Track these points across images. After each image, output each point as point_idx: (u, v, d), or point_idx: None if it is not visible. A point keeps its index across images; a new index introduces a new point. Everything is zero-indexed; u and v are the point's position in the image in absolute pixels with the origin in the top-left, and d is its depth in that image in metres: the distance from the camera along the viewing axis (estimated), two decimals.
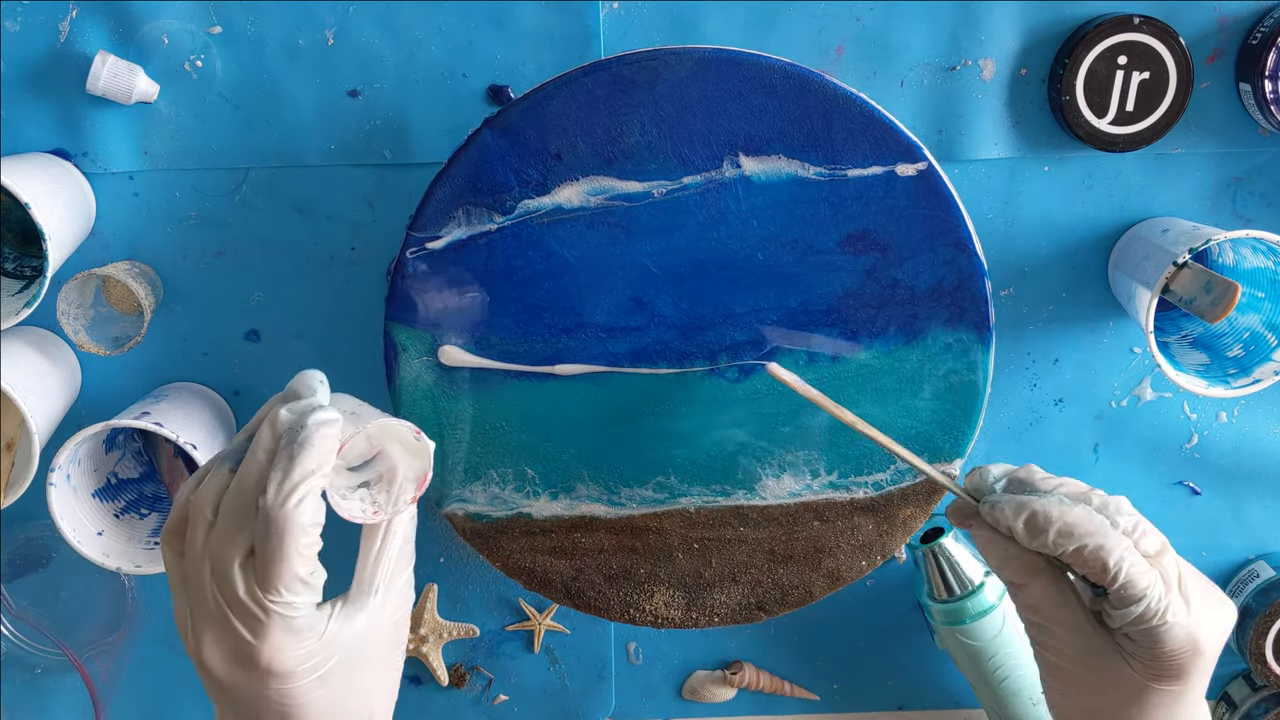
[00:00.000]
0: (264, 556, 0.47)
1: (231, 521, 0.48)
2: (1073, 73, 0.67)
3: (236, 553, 0.48)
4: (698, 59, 0.60)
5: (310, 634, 0.49)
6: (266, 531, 0.47)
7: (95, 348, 0.69)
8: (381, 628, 0.52)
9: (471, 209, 0.61)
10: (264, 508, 0.47)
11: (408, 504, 0.52)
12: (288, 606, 0.48)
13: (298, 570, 0.47)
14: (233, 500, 0.49)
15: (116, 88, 0.68)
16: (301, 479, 0.47)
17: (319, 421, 0.49)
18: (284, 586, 0.47)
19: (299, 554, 0.47)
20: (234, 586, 0.48)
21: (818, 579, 0.65)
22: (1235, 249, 0.68)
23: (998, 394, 0.74)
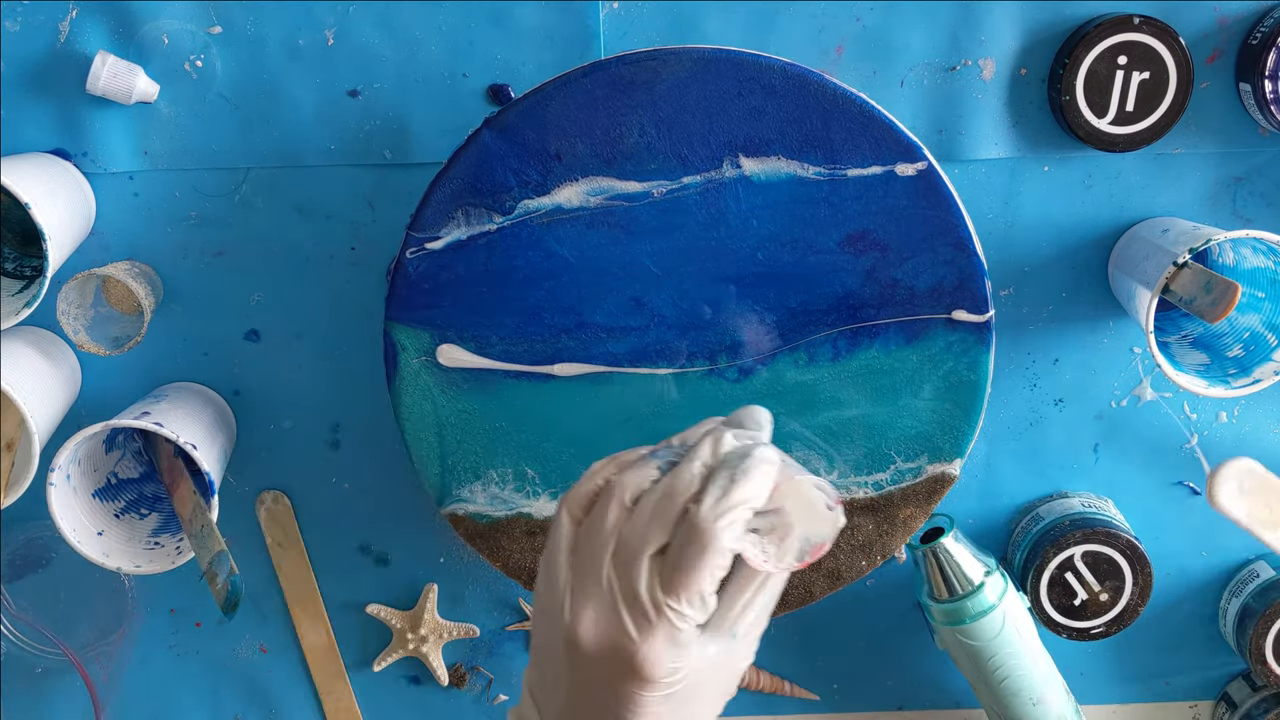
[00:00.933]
0: (678, 562, 0.47)
1: (654, 517, 0.48)
2: (1073, 73, 0.67)
3: (649, 548, 0.48)
4: (697, 59, 0.60)
5: (685, 652, 0.48)
6: (689, 539, 0.47)
7: (95, 348, 0.69)
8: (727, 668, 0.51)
9: (471, 209, 0.61)
10: (695, 516, 0.47)
11: (794, 565, 0.50)
12: (680, 618, 0.48)
13: (704, 586, 0.47)
14: (661, 499, 0.49)
15: (116, 88, 0.68)
16: (738, 503, 0.48)
17: (764, 457, 0.49)
18: (686, 597, 0.47)
19: (710, 572, 0.47)
20: (636, 579, 0.48)
21: (818, 579, 0.65)
22: (1235, 249, 0.68)
23: (998, 394, 0.74)
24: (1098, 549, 0.71)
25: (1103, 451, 0.75)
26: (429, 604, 0.76)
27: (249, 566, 0.76)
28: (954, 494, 0.73)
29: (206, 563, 0.65)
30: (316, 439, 0.75)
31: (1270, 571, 0.74)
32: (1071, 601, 0.72)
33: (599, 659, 0.48)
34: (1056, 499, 0.75)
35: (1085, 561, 0.71)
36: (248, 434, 0.74)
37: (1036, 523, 0.73)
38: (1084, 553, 0.71)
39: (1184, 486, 0.75)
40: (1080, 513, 0.72)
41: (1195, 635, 0.77)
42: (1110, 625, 0.72)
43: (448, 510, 0.65)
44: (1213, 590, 0.77)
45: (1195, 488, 0.75)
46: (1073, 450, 0.75)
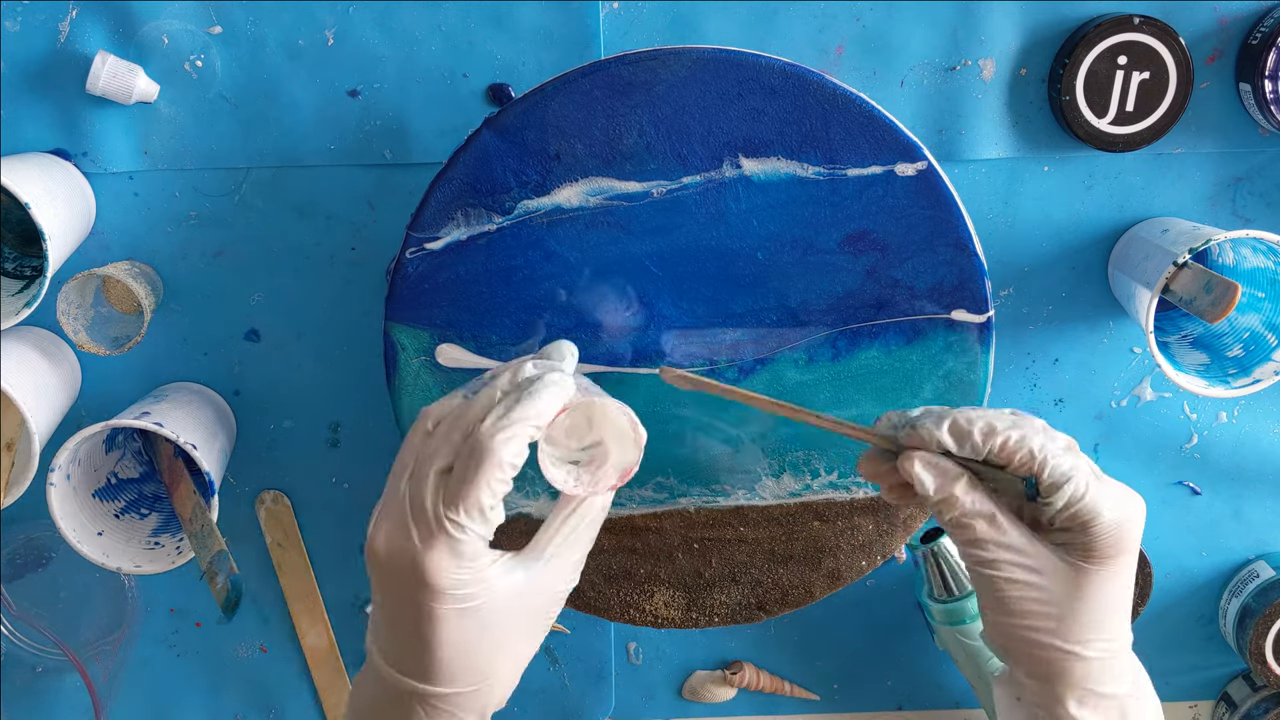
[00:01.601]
0: (458, 476, 0.50)
1: (445, 436, 0.51)
2: (1073, 73, 0.67)
3: (437, 462, 0.50)
4: (696, 59, 0.60)
5: (470, 564, 0.50)
6: (469, 454, 0.50)
7: (95, 348, 0.69)
8: (536, 594, 0.53)
9: (471, 209, 0.61)
10: (475, 432, 0.50)
11: (608, 488, 0.53)
12: (459, 529, 0.50)
13: (482, 499, 0.49)
14: (454, 419, 0.51)
15: (116, 88, 0.68)
16: (518, 420, 0.50)
17: (552, 380, 0.52)
18: (464, 509, 0.49)
19: (488, 484, 0.49)
20: (423, 492, 0.50)
21: (818, 579, 0.65)
22: (1235, 249, 0.68)
23: (998, 394, 0.74)
24: None
25: (1103, 451, 0.75)
26: None
27: (249, 566, 0.76)
28: None
29: (206, 563, 0.65)
30: (316, 439, 0.75)
31: (1270, 571, 0.74)
32: None
33: (391, 570, 0.51)
34: None
35: None
36: (248, 434, 0.75)
37: None
38: None
39: (1184, 486, 0.75)
40: None
41: (1195, 635, 0.77)
42: None
43: None
44: (1213, 590, 0.77)
45: (1195, 488, 0.75)
46: None
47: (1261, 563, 0.75)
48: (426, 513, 0.50)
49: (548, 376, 0.52)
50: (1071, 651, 0.52)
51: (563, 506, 0.54)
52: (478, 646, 0.52)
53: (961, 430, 0.52)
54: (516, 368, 0.53)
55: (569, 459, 0.54)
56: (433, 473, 0.50)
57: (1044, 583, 0.52)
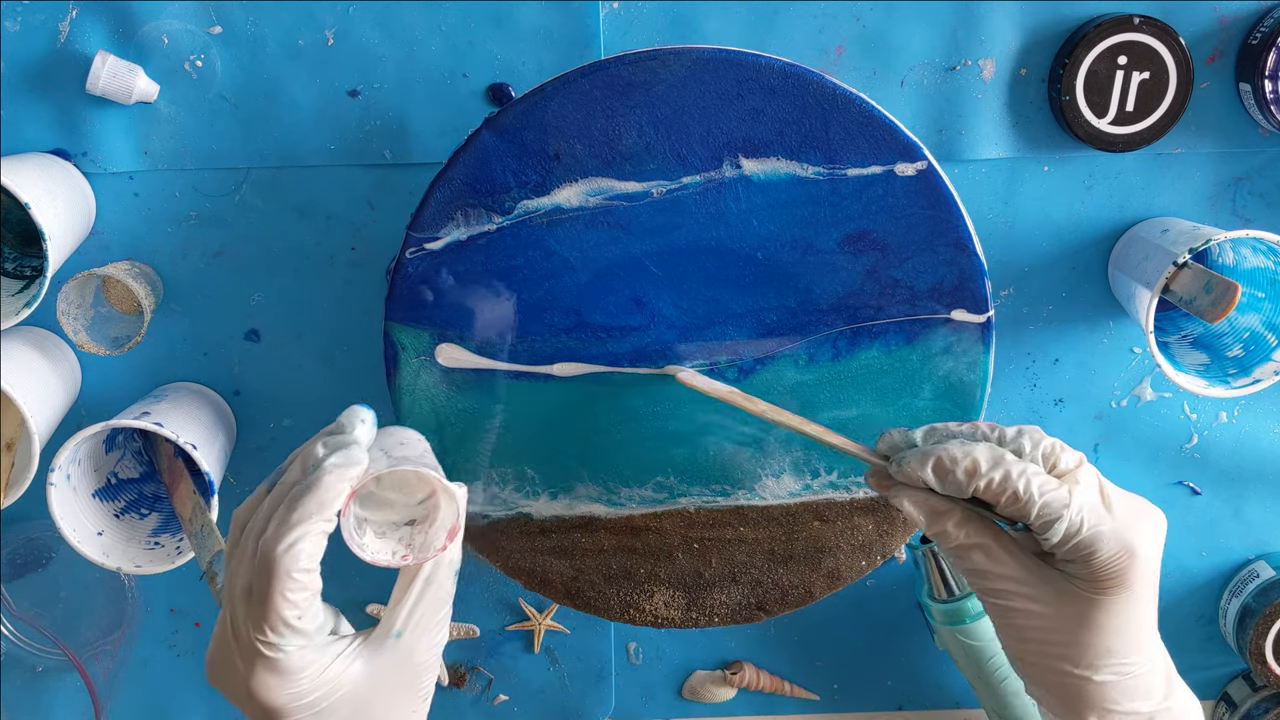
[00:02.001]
0: (256, 595, 0.48)
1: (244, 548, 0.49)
2: (1073, 73, 0.67)
3: (240, 583, 0.48)
4: (695, 59, 0.60)
5: (300, 674, 0.49)
6: (259, 572, 0.47)
7: (95, 348, 0.69)
8: (401, 670, 0.51)
9: (470, 209, 0.61)
10: (259, 547, 0.48)
11: (437, 551, 0.51)
12: (271, 648, 0.48)
13: (283, 613, 0.47)
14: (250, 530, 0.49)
15: (116, 88, 0.68)
16: (298, 522, 0.47)
17: (332, 465, 0.49)
18: (269, 627, 0.47)
19: (283, 598, 0.47)
20: (237, 616, 0.48)
21: (818, 579, 0.65)
22: (1235, 249, 0.68)
23: (998, 394, 0.74)
24: None
25: (1103, 451, 0.75)
26: None
27: None
28: None
29: (206, 563, 0.65)
30: None
31: (1270, 571, 0.74)
32: None
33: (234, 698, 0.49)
34: None
35: None
36: (248, 434, 0.75)
37: None
38: None
39: (1184, 486, 0.75)
40: None
41: (1195, 635, 0.77)
42: None
43: None
44: (1213, 590, 0.77)
45: (1195, 488, 0.75)
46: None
47: (1261, 563, 0.75)
48: (242, 638, 0.48)
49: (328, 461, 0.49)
50: (1083, 676, 0.51)
51: (406, 576, 0.52)
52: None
53: (944, 469, 0.51)
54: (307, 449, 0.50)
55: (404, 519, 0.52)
56: (240, 594, 0.48)
57: (1049, 610, 0.51)
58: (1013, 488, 0.49)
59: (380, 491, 0.52)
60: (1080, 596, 0.50)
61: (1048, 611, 0.51)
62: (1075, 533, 0.49)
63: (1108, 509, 0.50)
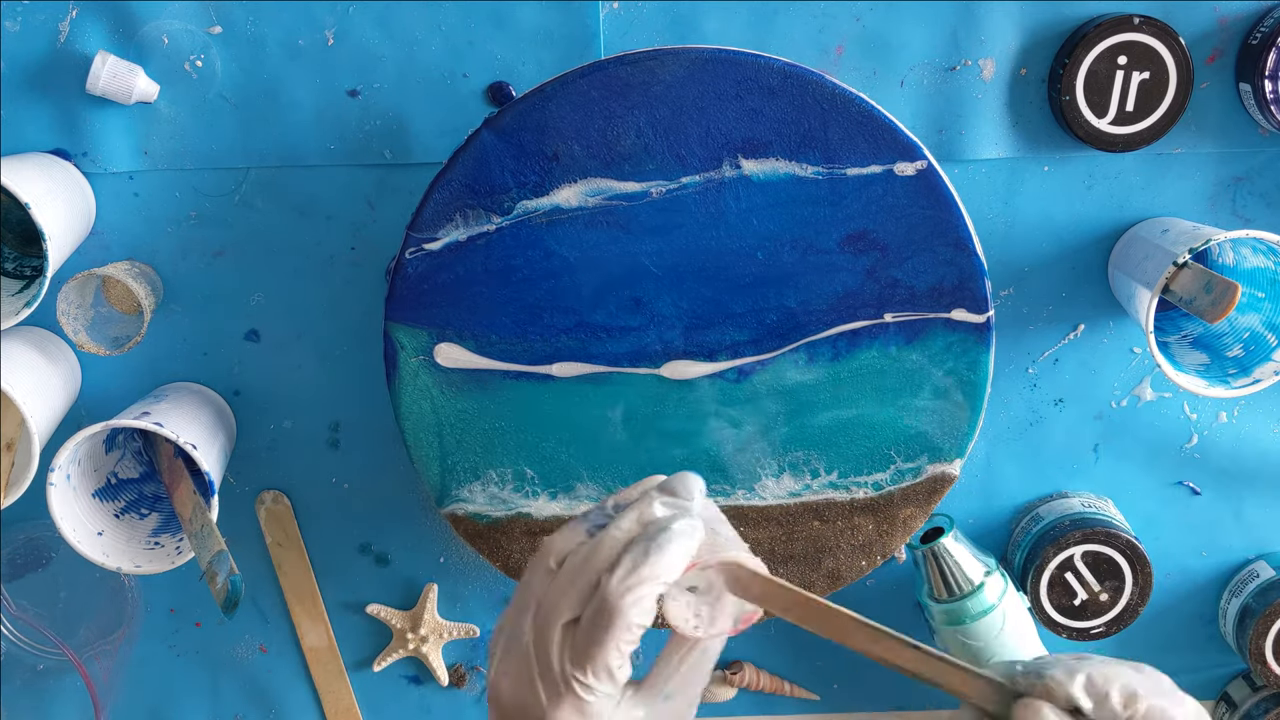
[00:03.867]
0: (585, 635, 0.48)
1: (571, 583, 0.48)
2: (1073, 73, 0.67)
3: (563, 615, 0.48)
4: (693, 59, 0.60)
5: None
6: (597, 612, 0.47)
7: (95, 348, 0.69)
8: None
9: (470, 209, 0.61)
10: (604, 589, 0.47)
11: (723, 632, 0.51)
12: (587, 690, 0.48)
13: (610, 661, 0.47)
14: (580, 564, 0.49)
15: (116, 88, 0.68)
16: (648, 578, 0.47)
17: (683, 530, 0.48)
18: (592, 671, 0.47)
19: (617, 647, 0.47)
20: (549, 646, 0.48)
21: (818, 579, 0.65)
22: (1235, 249, 0.68)
23: (998, 394, 0.74)
24: (1098, 549, 0.71)
25: (1103, 451, 0.75)
26: (429, 604, 0.76)
27: (249, 566, 0.76)
28: (954, 494, 0.73)
29: (206, 563, 0.65)
30: (316, 439, 0.75)
31: (1270, 571, 0.74)
32: (1071, 601, 0.72)
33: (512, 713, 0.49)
34: (1056, 499, 0.75)
35: (1085, 561, 0.71)
36: (248, 434, 0.75)
37: (1036, 523, 0.73)
38: (1084, 553, 0.71)
39: (1184, 486, 0.75)
40: (1080, 513, 0.72)
41: (1195, 635, 0.77)
42: (1110, 625, 0.72)
43: (447, 510, 0.65)
44: (1213, 590, 0.77)
45: (1195, 488, 0.75)
46: (1073, 450, 0.75)
47: (1261, 563, 0.75)
48: (553, 671, 0.48)
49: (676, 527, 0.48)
50: None
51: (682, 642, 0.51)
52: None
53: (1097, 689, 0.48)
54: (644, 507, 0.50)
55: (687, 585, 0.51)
56: (559, 626, 0.48)
57: None
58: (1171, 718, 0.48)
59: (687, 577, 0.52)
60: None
61: None
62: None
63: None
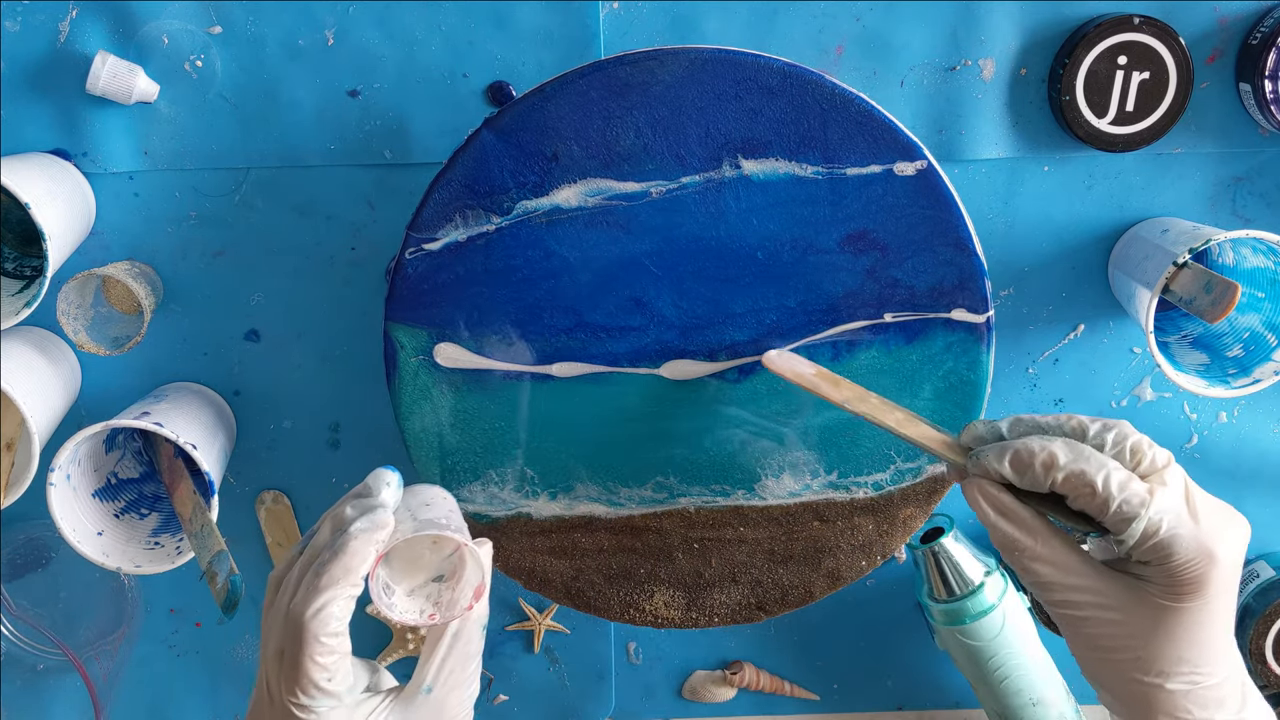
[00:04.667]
0: (287, 659, 0.49)
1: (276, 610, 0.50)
2: (1073, 73, 0.67)
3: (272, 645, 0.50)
4: (692, 59, 0.60)
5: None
6: (289, 635, 0.49)
7: (95, 348, 0.69)
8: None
9: (470, 210, 0.61)
10: (289, 611, 0.49)
11: (463, 610, 0.52)
12: (304, 710, 0.49)
13: (313, 676, 0.48)
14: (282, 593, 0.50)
15: (116, 88, 0.68)
16: (326, 586, 0.48)
17: (359, 529, 0.50)
18: (300, 690, 0.49)
19: (313, 661, 0.48)
20: (271, 677, 0.50)
21: (818, 579, 0.65)
22: (1235, 249, 0.68)
23: (998, 394, 0.74)
24: None
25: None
26: None
27: (249, 566, 0.76)
28: (954, 494, 0.73)
29: (206, 563, 0.65)
30: (316, 439, 0.75)
31: (1270, 571, 0.74)
32: None
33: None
34: None
35: None
36: (248, 434, 0.75)
37: None
38: None
39: None
40: None
41: None
42: None
43: None
44: None
45: None
46: None
47: (1261, 563, 0.75)
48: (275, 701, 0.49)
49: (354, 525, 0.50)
50: (1155, 684, 0.50)
51: (432, 635, 0.53)
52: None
53: (1022, 463, 0.50)
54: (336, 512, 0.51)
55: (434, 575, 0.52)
56: (272, 657, 0.49)
57: (1120, 618, 0.50)
58: (1090, 481, 0.48)
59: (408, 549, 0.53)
60: (1154, 603, 0.49)
61: (1119, 619, 0.50)
62: (1154, 533, 0.48)
63: (1192, 513, 0.49)
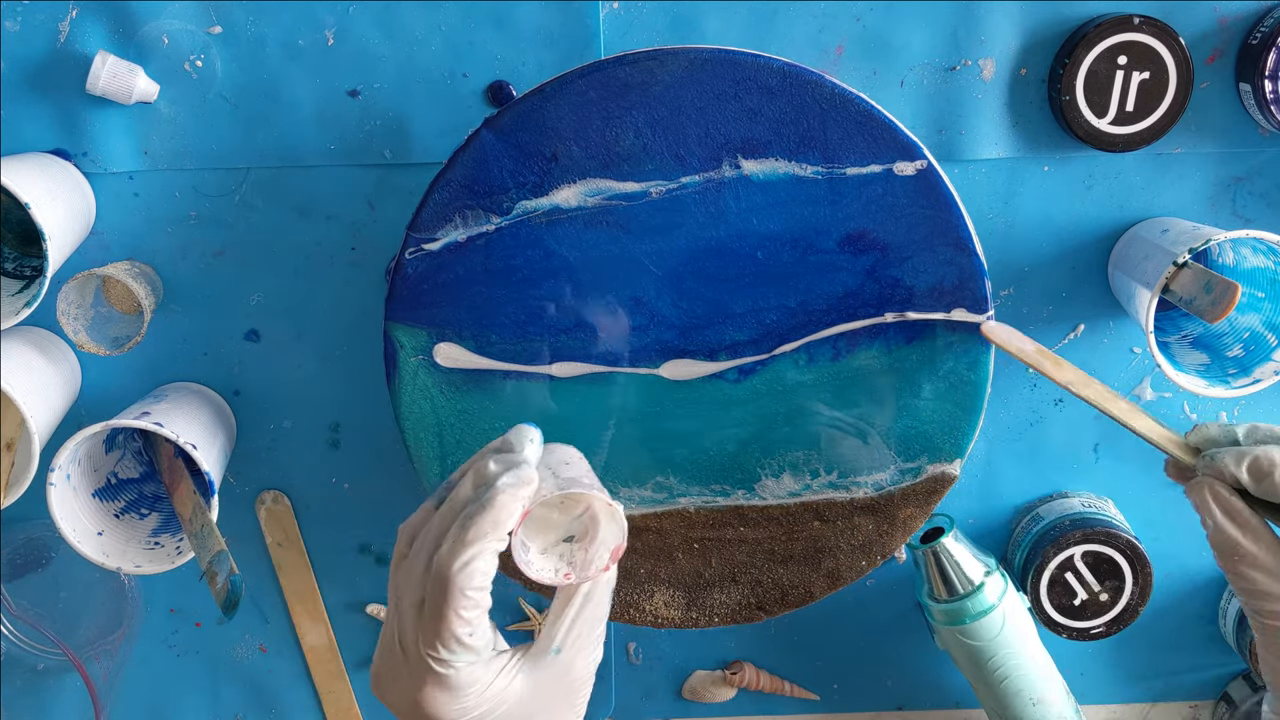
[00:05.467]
0: (429, 611, 0.48)
1: (416, 565, 0.49)
2: (1073, 73, 0.67)
3: (411, 597, 0.49)
4: (691, 60, 0.60)
5: (468, 690, 0.49)
6: (433, 588, 0.48)
7: (95, 348, 0.69)
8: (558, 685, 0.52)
9: (470, 210, 0.61)
10: (434, 564, 0.48)
11: (599, 571, 0.52)
12: (443, 664, 0.48)
13: (456, 631, 0.48)
14: (423, 541, 0.50)
15: (116, 88, 0.68)
16: (474, 540, 0.48)
17: (505, 484, 0.49)
18: (441, 644, 0.48)
19: (457, 615, 0.48)
20: (407, 629, 0.49)
21: (818, 579, 0.65)
22: (1235, 249, 0.68)
23: (998, 394, 0.74)
24: (1098, 549, 0.71)
25: (1103, 451, 0.75)
26: None
27: (249, 566, 0.76)
28: (954, 494, 0.73)
29: (206, 563, 0.65)
30: (316, 439, 0.75)
31: None
32: (1071, 601, 0.72)
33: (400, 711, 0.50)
34: (1056, 499, 0.75)
35: (1085, 561, 0.71)
36: (248, 434, 0.75)
37: (1036, 523, 0.73)
38: (1084, 553, 0.71)
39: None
40: (1080, 513, 0.72)
41: (1195, 635, 0.77)
42: (1110, 625, 0.72)
43: None
44: (1213, 590, 0.77)
45: None
46: (1073, 450, 0.75)
47: None
48: (411, 652, 0.49)
49: (500, 480, 0.49)
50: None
51: (563, 594, 0.52)
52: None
53: (1261, 470, 0.50)
54: (479, 466, 0.51)
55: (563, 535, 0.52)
56: (409, 608, 0.49)
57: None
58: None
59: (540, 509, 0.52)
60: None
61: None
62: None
63: None
